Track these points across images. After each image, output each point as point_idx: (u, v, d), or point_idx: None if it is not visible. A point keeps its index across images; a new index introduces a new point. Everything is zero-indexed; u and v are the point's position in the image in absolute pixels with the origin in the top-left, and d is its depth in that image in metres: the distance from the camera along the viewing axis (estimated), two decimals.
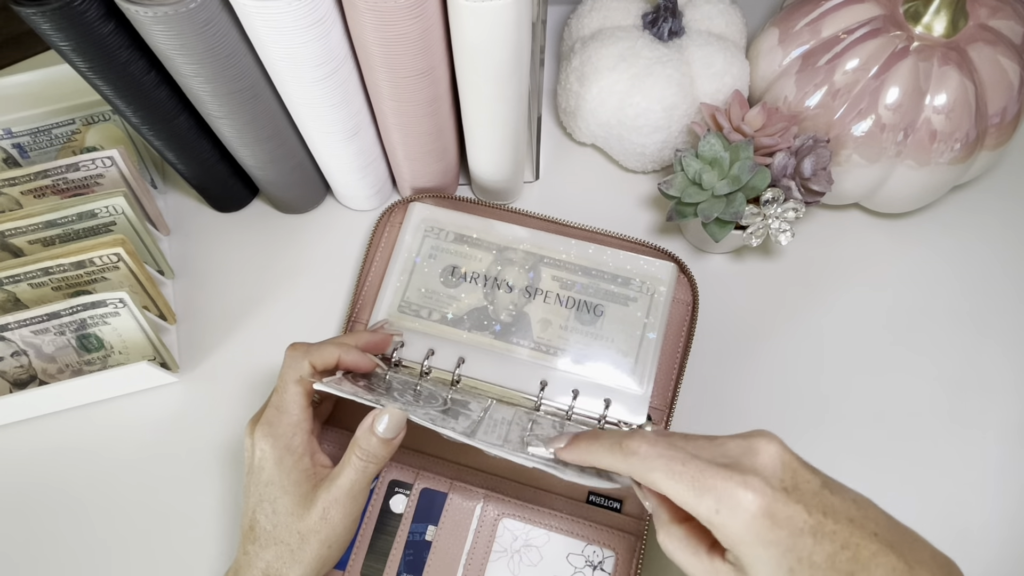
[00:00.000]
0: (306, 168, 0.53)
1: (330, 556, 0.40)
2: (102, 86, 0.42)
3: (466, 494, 0.45)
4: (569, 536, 0.45)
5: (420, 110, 0.45)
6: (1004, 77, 0.48)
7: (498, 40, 0.39)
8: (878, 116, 0.48)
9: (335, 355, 0.42)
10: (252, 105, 0.44)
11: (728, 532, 0.30)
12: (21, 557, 0.47)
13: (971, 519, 0.48)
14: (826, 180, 0.49)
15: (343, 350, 0.42)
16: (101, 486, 0.49)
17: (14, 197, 0.50)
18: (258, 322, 0.53)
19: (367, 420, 0.39)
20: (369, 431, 0.39)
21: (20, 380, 0.49)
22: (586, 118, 0.55)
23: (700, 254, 0.55)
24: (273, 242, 0.56)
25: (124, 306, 0.46)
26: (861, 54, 0.49)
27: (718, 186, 0.48)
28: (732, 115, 0.49)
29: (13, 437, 0.50)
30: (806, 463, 0.32)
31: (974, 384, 0.51)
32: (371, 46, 0.40)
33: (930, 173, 0.50)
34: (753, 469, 0.31)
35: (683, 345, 0.49)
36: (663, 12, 0.52)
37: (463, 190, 0.58)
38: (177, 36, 0.38)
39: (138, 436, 0.50)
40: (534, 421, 0.44)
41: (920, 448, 0.50)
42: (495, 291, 0.49)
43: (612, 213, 0.56)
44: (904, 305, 0.54)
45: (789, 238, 0.49)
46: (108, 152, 0.49)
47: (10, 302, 0.48)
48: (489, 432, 0.40)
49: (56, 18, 0.37)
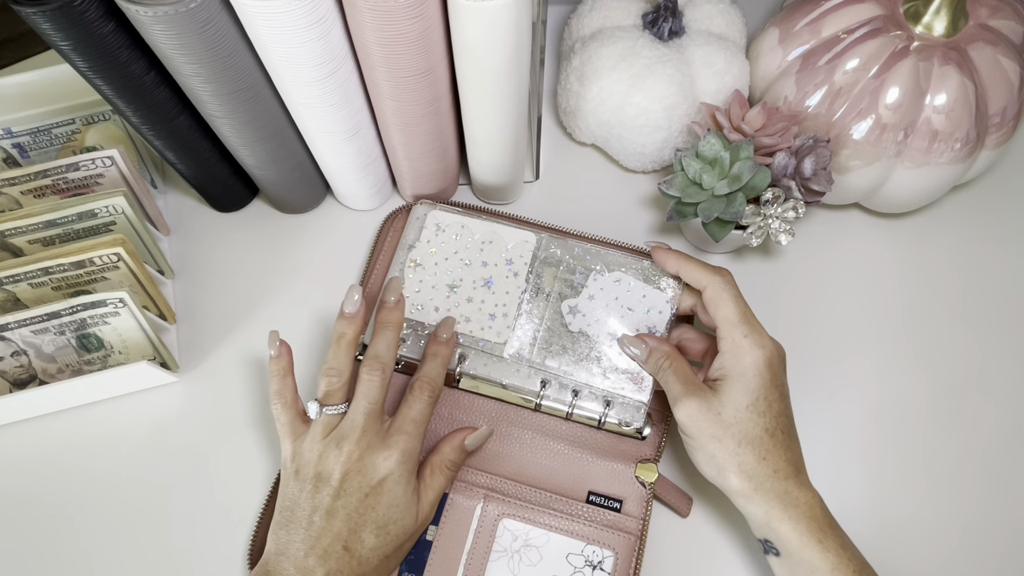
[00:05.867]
0: (306, 168, 0.53)
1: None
2: (102, 86, 0.42)
3: (466, 494, 0.45)
4: (569, 536, 0.45)
5: (420, 110, 0.45)
6: (1004, 77, 0.48)
7: (498, 40, 0.39)
8: (878, 116, 0.48)
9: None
10: (252, 105, 0.44)
11: (740, 352, 0.41)
12: (21, 557, 0.47)
13: (970, 518, 0.48)
14: (826, 180, 0.49)
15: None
16: (101, 486, 0.49)
17: (14, 197, 0.50)
18: (258, 322, 0.53)
19: (456, 438, 0.45)
20: (459, 447, 0.45)
21: (20, 380, 0.49)
22: (586, 118, 0.55)
23: (700, 254, 0.55)
24: (273, 242, 0.56)
25: (124, 306, 0.46)
26: (861, 54, 0.49)
27: (718, 186, 0.48)
28: (732, 115, 0.49)
29: (13, 437, 0.50)
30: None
31: (973, 384, 0.51)
32: (371, 46, 0.40)
33: (930, 173, 0.50)
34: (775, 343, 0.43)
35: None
36: (663, 12, 0.52)
37: (464, 191, 0.58)
38: (177, 36, 0.38)
39: (138, 436, 0.50)
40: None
41: (920, 448, 0.50)
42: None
43: (612, 213, 0.56)
44: (904, 305, 0.54)
45: (789, 238, 0.49)
46: (108, 152, 0.49)
47: (10, 302, 0.48)
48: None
49: (56, 18, 0.37)
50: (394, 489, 0.41)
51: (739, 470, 0.40)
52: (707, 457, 0.41)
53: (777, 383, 0.42)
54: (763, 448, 0.40)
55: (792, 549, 0.40)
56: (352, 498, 0.40)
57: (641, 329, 0.47)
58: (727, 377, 0.42)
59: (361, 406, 0.42)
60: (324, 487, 0.40)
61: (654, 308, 0.48)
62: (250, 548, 0.45)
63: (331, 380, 0.42)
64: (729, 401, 0.41)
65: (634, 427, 0.46)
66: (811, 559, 0.39)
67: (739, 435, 0.40)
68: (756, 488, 0.40)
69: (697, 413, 0.41)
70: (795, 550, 0.40)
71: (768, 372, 0.41)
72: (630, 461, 0.47)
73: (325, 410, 0.42)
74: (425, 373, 0.44)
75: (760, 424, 0.41)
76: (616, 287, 0.48)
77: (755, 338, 0.42)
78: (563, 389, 0.47)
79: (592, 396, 0.47)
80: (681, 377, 0.43)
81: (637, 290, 0.48)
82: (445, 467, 0.44)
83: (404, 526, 0.41)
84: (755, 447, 0.40)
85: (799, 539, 0.39)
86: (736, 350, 0.42)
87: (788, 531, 0.40)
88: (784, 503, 0.40)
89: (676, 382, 0.43)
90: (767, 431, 0.41)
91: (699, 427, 0.41)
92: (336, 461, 0.40)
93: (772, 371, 0.41)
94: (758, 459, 0.40)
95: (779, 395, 0.42)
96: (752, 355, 0.41)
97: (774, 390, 0.41)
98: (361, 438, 0.41)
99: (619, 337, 0.47)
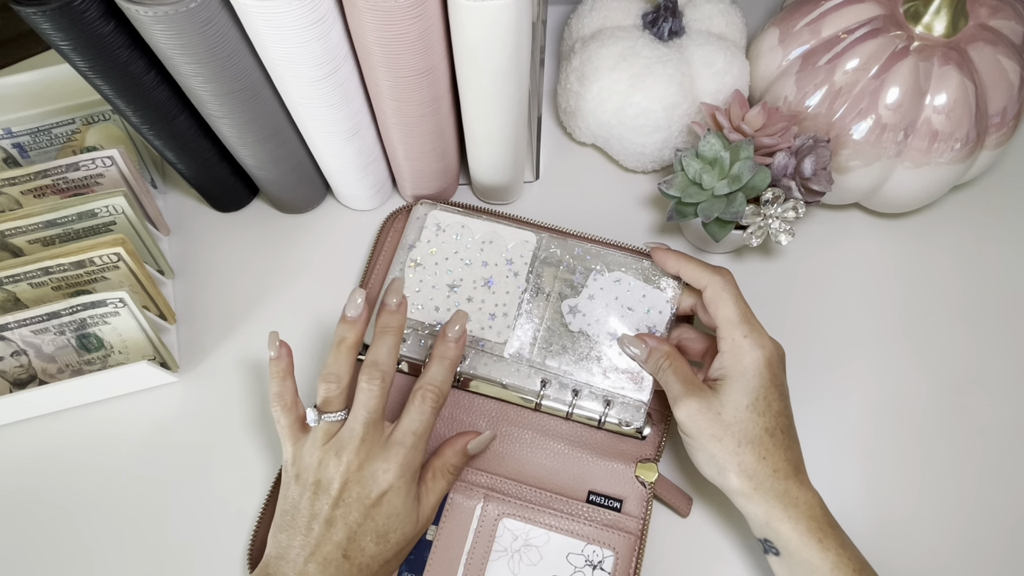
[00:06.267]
0: (306, 168, 0.53)
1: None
2: (102, 86, 0.42)
3: (466, 494, 0.45)
4: (569, 536, 0.45)
5: (420, 110, 0.45)
6: (1004, 77, 0.48)
7: (498, 40, 0.39)
8: (878, 116, 0.48)
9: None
10: (252, 105, 0.44)
11: (740, 352, 0.41)
12: (21, 557, 0.47)
13: (970, 518, 0.48)
14: (826, 180, 0.49)
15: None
16: (101, 486, 0.49)
17: (14, 197, 0.50)
18: (258, 322, 0.53)
19: (459, 442, 0.45)
20: (462, 451, 0.45)
21: (20, 380, 0.49)
22: (586, 118, 0.55)
23: (700, 254, 0.55)
24: (273, 242, 0.56)
25: (124, 306, 0.46)
26: (861, 54, 0.49)
27: (718, 186, 0.48)
28: (732, 115, 0.49)
29: (13, 437, 0.50)
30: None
31: (974, 384, 0.51)
32: (371, 46, 0.40)
33: (930, 173, 0.50)
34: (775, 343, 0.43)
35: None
36: (663, 12, 0.52)
37: (464, 191, 0.58)
38: (177, 36, 0.38)
39: (138, 436, 0.50)
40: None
41: (919, 447, 0.50)
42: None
43: (612, 213, 0.56)
44: (904, 305, 0.54)
45: (789, 238, 0.49)
46: (108, 152, 0.49)
47: (10, 302, 0.48)
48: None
49: (56, 18, 0.37)
50: (394, 500, 0.40)
51: (739, 470, 0.40)
52: (707, 457, 0.41)
53: (777, 383, 0.42)
54: (763, 448, 0.40)
55: (792, 548, 0.40)
56: (351, 509, 0.40)
57: (641, 329, 0.47)
58: (727, 377, 0.42)
59: (360, 415, 0.40)
60: (323, 495, 0.40)
61: (654, 308, 0.48)
62: (250, 548, 0.45)
63: (329, 387, 0.41)
64: (729, 401, 0.41)
65: (634, 427, 0.46)
66: (811, 558, 0.39)
67: (739, 435, 0.40)
68: (756, 488, 0.40)
69: (697, 413, 0.41)
70: (795, 549, 0.40)
71: (768, 372, 0.41)
72: (630, 461, 0.47)
73: (323, 417, 0.41)
74: (431, 379, 0.42)
75: (760, 424, 0.41)
76: (616, 287, 0.48)
77: (755, 338, 0.42)
78: (563, 389, 0.47)
79: (592, 396, 0.47)
80: (681, 377, 0.43)
81: (637, 290, 0.48)
82: (447, 471, 0.44)
83: (404, 533, 0.41)
84: (755, 447, 0.40)
85: (799, 538, 0.39)
86: (736, 350, 0.42)
87: (788, 530, 0.40)
88: (784, 503, 0.40)
89: (676, 382, 0.43)
90: (767, 431, 0.41)
91: (699, 427, 0.41)
92: (336, 470, 0.40)
93: (772, 371, 0.41)
94: (758, 459, 0.40)
95: (779, 395, 0.42)
96: (752, 355, 0.41)
97: (774, 390, 0.41)
98: (360, 448, 0.40)
99: (619, 337, 0.47)
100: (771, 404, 0.41)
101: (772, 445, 0.41)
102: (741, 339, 0.42)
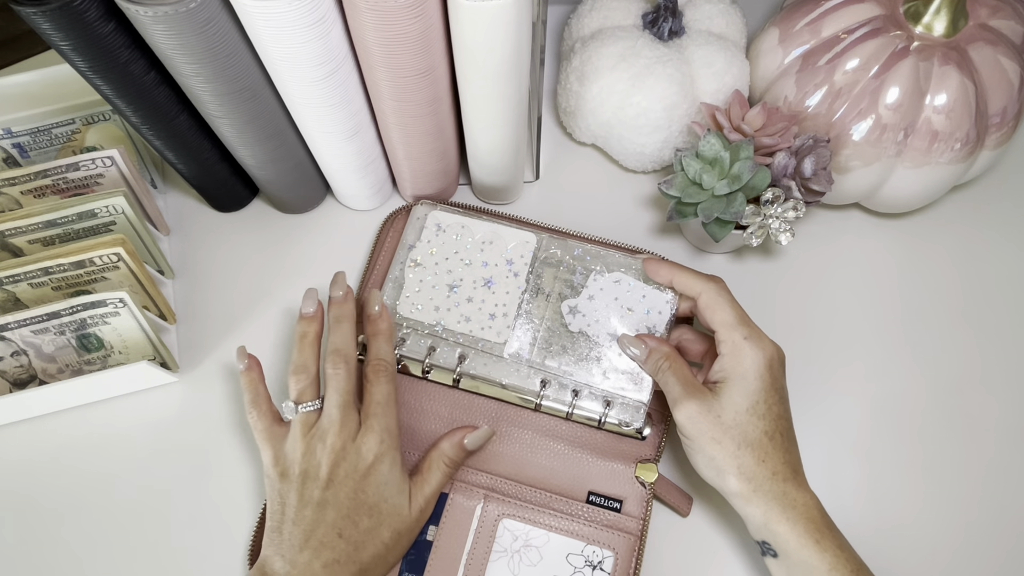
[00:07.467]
0: (306, 168, 0.53)
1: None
2: (102, 86, 0.42)
3: (466, 494, 0.45)
4: (569, 536, 0.45)
5: (420, 110, 0.45)
6: (1004, 77, 0.48)
7: (498, 40, 0.39)
8: (878, 116, 0.48)
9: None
10: (252, 105, 0.44)
11: (740, 355, 0.41)
12: (21, 557, 0.47)
13: (971, 518, 0.48)
14: (826, 180, 0.49)
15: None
16: (101, 486, 0.49)
17: (14, 197, 0.50)
18: (258, 322, 0.53)
19: (456, 435, 0.45)
20: (459, 444, 0.45)
21: (20, 380, 0.49)
22: (586, 118, 0.55)
23: (700, 254, 0.55)
24: (273, 242, 0.56)
25: (124, 306, 0.46)
26: (861, 54, 0.48)
27: (718, 186, 0.48)
28: (732, 115, 0.49)
29: (13, 437, 0.50)
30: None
31: (974, 384, 0.51)
32: (371, 46, 0.40)
33: (930, 173, 0.50)
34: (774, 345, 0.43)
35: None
36: (663, 12, 0.52)
37: (464, 191, 0.58)
38: (177, 36, 0.38)
39: (138, 436, 0.50)
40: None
41: (919, 448, 0.50)
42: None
43: (612, 213, 0.56)
44: (904, 305, 0.54)
45: (789, 238, 0.49)
46: (108, 152, 0.49)
47: (10, 302, 0.48)
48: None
49: (56, 18, 0.37)
50: (381, 468, 0.42)
51: (738, 472, 0.40)
52: (706, 459, 0.41)
53: (777, 386, 0.42)
54: (762, 451, 0.40)
55: (790, 550, 0.40)
56: (343, 485, 0.41)
57: (641, 329, 0.47)
58: (727, 379, 0.42)
59: (334, 400, 0.43)
60: (312, 482, 0.41)
61: (654, 309, 0.48)
62: (250, 548, 0.45)
63: (300, 378, 0.44)
64: (729, 404, 0.41)
65: (634, 427, 0.46)
66: (808, 559, 0.39)
67: (738, 438, 0.40)
68: (755, 490, 0.40)
69: (697, 415, 0.41)
70: (793, 551, 0.40)
71: (768, 375, 0.41)
72: (630, 461, 0.47)
73: (300, 408, 0.43)
74: (374, 355, 0.45)
75: (760, 427, 0.41)
76: (616, 287, 0.48)
77: (755, 340, 0.42)
78: (563, 389, 0.47)
79: (592, 396, 0.47)
80: (680, 378, 0.43)
81: (637, 290, 0.48)
82: (443, 463, 0.45)
83: (395, 505, 0.42)
84: (754, 450, 0.40)
85: (797, 540, 0.39)
86: (736, 352, 0.42)
87: (786, 532, 0.40)
88: (782, 505, 0.40)
89: (676, 383, 0.43)
90: (766, 434, 0.41)
91: (699, 429, 0.41)
92: (323, 454, 0.41)
93: (772, 374, 0.41)
94: (757, 461, 0.40)
95: (779, 398, 0.42)
96: (752, 357, 0.41)
97: (774, 393, 0.41)
98: (341, 429, 0.42)
99: (619, 337, 0.47)
100: (771, 407, 0.41)
101: (771, 448, 0.41)
102: (741, 341, 0.42)
